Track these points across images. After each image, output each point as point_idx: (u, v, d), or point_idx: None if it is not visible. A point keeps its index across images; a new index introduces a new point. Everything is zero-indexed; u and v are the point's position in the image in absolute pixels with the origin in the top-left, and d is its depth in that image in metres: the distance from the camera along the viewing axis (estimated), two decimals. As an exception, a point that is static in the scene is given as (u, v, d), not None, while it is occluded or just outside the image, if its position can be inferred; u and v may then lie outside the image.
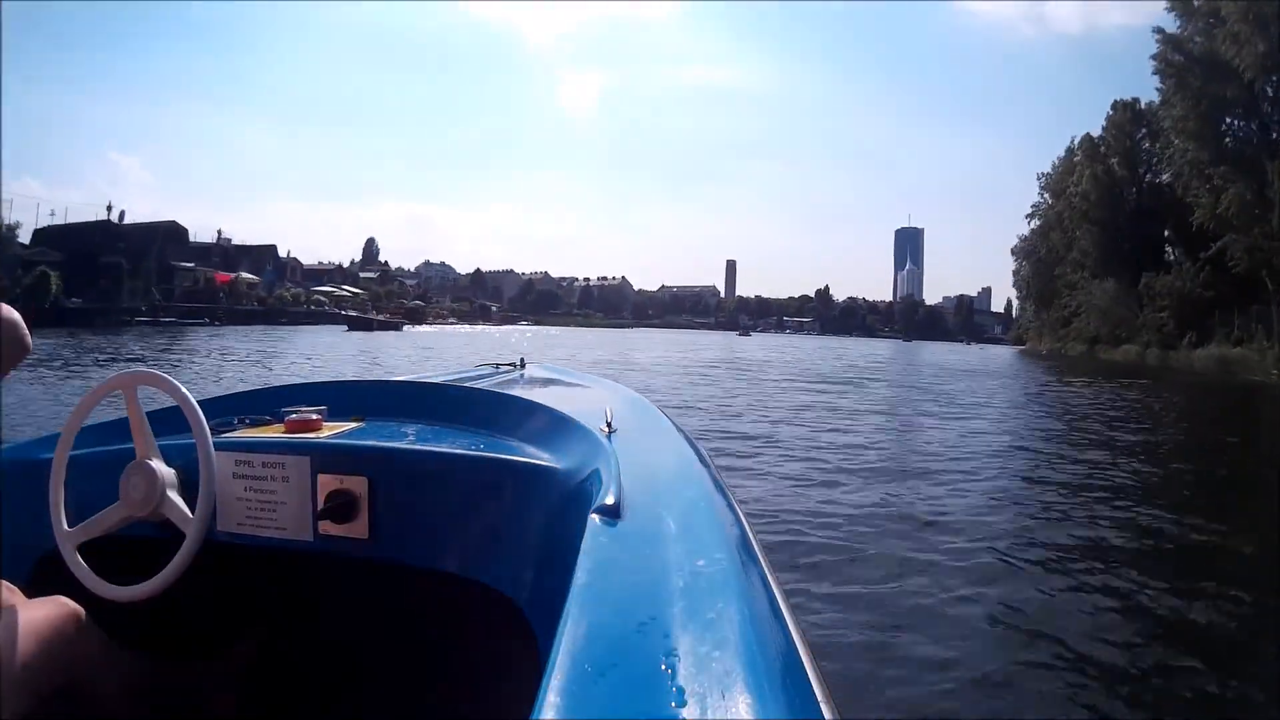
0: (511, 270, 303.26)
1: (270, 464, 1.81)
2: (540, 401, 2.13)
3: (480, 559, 1.66)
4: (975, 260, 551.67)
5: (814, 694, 0.77)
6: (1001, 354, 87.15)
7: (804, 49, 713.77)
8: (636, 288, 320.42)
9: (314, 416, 1.98)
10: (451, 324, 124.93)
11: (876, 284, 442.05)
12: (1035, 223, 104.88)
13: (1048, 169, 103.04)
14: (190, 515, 1.75)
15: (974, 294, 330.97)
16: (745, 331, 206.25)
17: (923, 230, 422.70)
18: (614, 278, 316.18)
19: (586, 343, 56.91)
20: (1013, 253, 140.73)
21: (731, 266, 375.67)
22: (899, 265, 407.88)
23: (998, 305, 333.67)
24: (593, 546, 1.05)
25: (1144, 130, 79.65)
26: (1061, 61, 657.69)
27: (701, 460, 1.84)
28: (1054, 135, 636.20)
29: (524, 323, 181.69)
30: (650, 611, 0.84)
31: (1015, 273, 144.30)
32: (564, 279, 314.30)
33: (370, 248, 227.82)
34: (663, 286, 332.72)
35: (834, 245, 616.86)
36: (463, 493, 1.71)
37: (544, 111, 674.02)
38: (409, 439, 1.93)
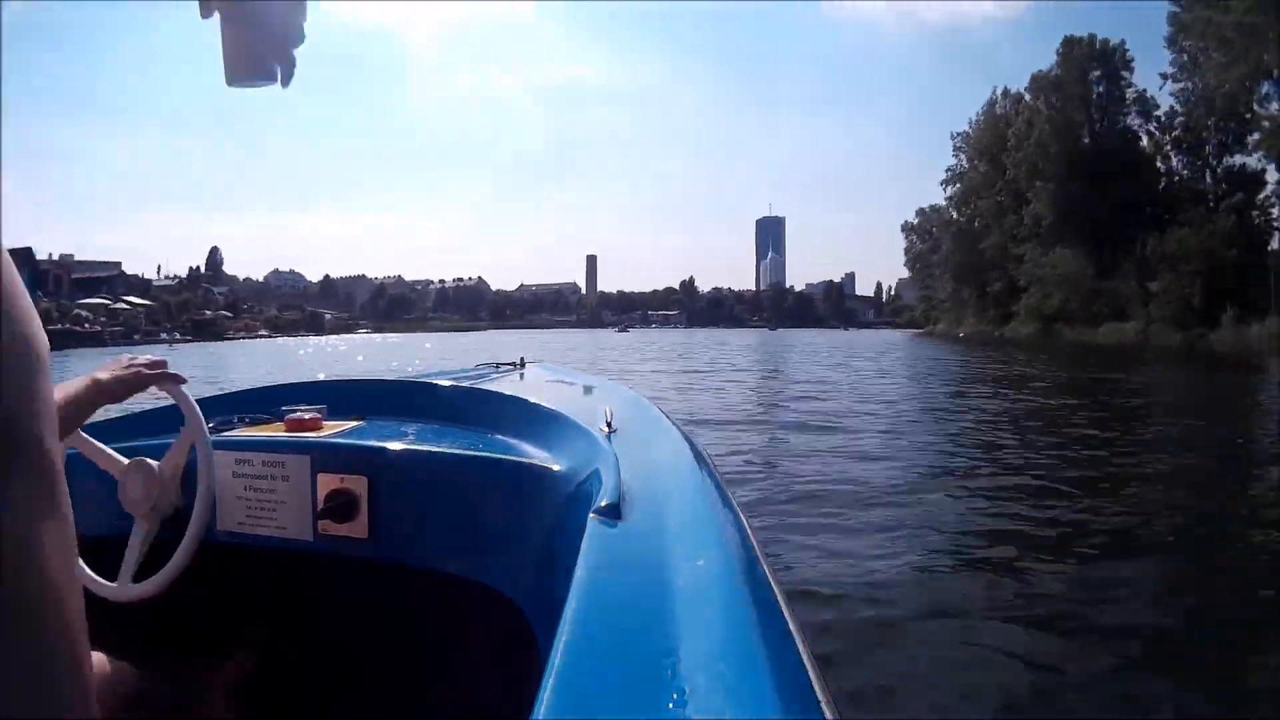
0: (364, 275, 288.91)
1: (270, 463, 1.81)
2: (540, 401, 2.05)
3: (480, 559, 1.64)
4: (837, 247, 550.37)
5: (814, 694, 0.76)
6: (897, 339, 77.23)
7: (665, 45, 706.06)
8: (495, 288, 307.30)
9: (314, 415, 1.95)
10: (262, 337, 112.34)
11: (740, 274, 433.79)
12: (949, 190, 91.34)
13: (960, 130, 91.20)
14: (190, 514, 1.74)
15: (838, 280, 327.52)
16: (623, 328, 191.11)
17: (784, 219, 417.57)
18: (470, 279, 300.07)
19: (415, 353, 47.41)
20: (904, 229, 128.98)
21: (592, 262, 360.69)
22: (761, 254, 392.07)
23: (862, 289, 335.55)
24: (592, 547, 1.04)
25: (1098, 72, 67.93)
26: (925, 53, 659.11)
27: (702, 460, 1.75)
28: (915, 125, 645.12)
29: (363, 330, 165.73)
30: (650, 611, 0.83)
31: (906, 250, 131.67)
32: (419, 282, 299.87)
33: (214, 257, 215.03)
34: (521, 286, 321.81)
35: (697, 237, 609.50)
36: (463, 492, 1.69)
37: (409, 116, 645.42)
38: (409, 438, 1.89)
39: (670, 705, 0.65)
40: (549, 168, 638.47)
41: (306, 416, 1.93)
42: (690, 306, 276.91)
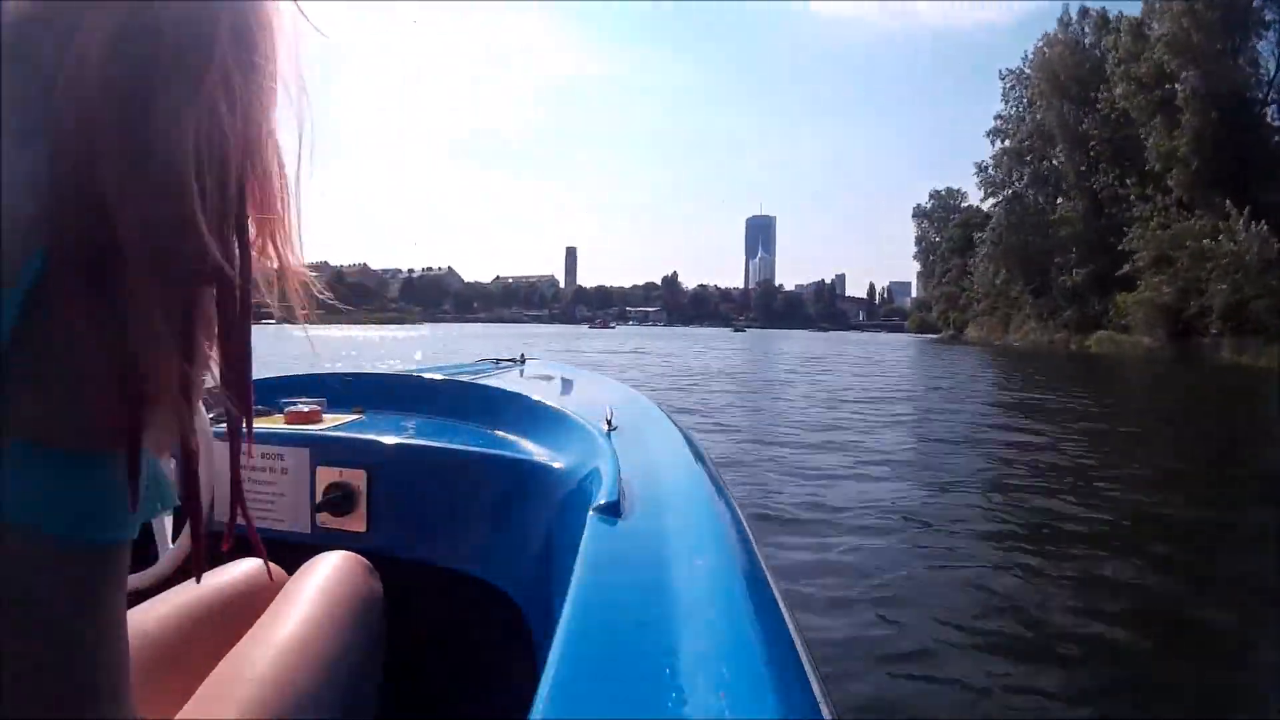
0: (325, 262, 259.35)
1: (269, 455, 1.79)
2: (540, 398, 2.07)
3: (478, 555, 1.64)
4: (827, 248, 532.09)
5: (813, 694, 0.75)
6: (902, 346, 59.91)
7: (659, 43, 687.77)
8: (469, 279, 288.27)
9: (313, 408, 1.94)
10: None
11: (727, 272, 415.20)
12: (998, 145, 66.36)
13: (1011, 67, 66.55)
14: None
15: (830, 280, 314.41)
16: (604, 322, 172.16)
17: (774, 218, 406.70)
18: (440, 268, 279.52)
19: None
20: (915, 214, 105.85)
21: (572, 254, 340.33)
22: (750, 254, 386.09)
23: (853, 291, 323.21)
24: (591, 545, 1.02)
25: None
26: (920, 56, 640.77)
27: (702, 459, 1.72)
28: (909, 127, 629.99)
29: (268, 322, 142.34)
30: (649, 610, 0.82)
31: (918, 240, 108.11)
32: (388, 270, 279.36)
33: None
34: (497, 277, 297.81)
35: (682, 235, 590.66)
36: (461, 488, 1.68)
37: (388, 102, 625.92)
38: (408, 433, 1.89)
39: (668, 704, 0.65)
40: (536, 158, 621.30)
41: (306, 409, 1.91)
42: (672, 303, 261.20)
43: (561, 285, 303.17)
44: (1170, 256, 40.32)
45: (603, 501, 1.14)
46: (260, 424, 1.85)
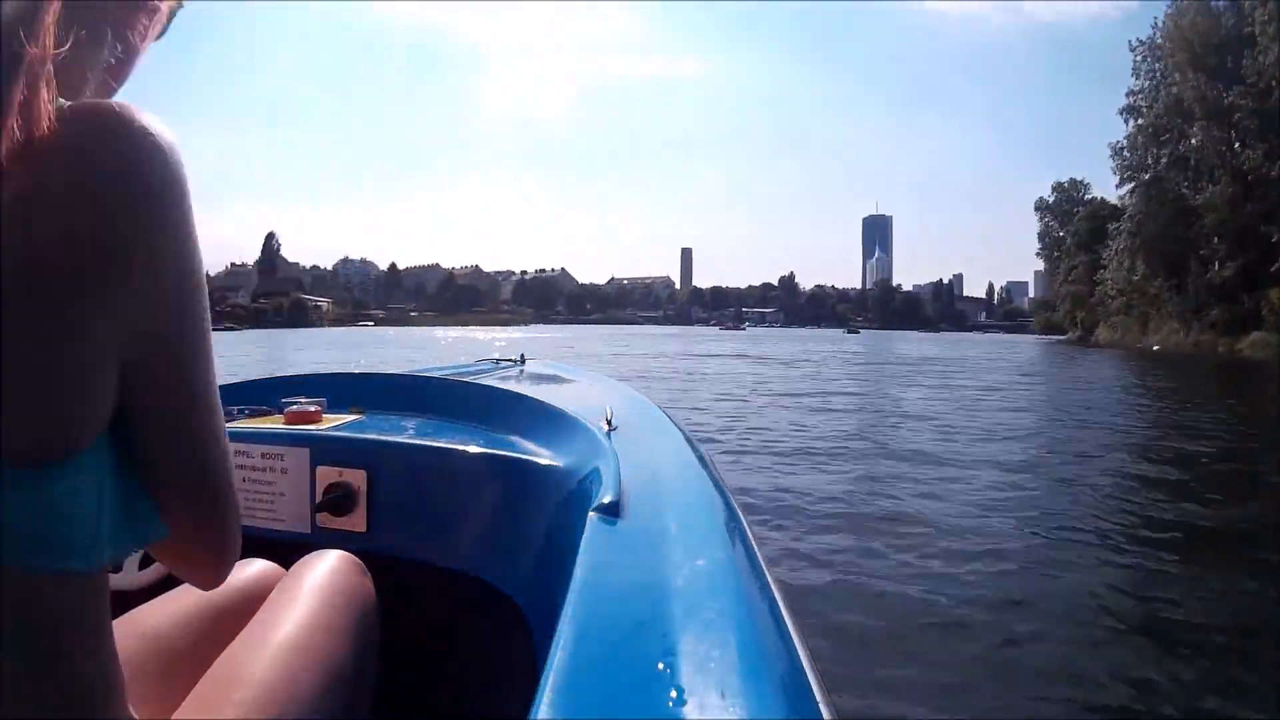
0: (437, 265, 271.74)
1: (269, 455, 1.79)
2: (540, 398, 2.05)
3: (478, 555, 1.63)
4: (945, 248, 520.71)
5: (813, 694, 0.74)
6: (1030, 350, 53.32)
7: (772, 44, 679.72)
8: (584, 280, 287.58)
9: (313, 408, 1.94)
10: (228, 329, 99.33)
11: (844, 273, 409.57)
12: (1131, 124, 60.32)
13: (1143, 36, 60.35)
14: None
15: (946, 280, 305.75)
16: (733, 325, 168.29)
17: (891, 218, 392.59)
18: (553, 269, 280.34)
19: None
20: (1037, 208, 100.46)
21: (687, 255, 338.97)
22: (868, 254, 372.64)
23: (971, 291, 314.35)
24: (592, 545, 1.02)
25: None
26: (1033, 53, 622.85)
27: (702, 460, 1.72)
28: (1023, 125, 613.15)
29: (366, 324, 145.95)
30: (649, 611, 0.82)
31: (1041, 236, 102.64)
32: (499, 272, 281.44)
33: (270, 243, 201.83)
34: (612, 279, 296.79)
35: (798, 234, 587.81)
36: (462, 488, 1.68)
37: (502, 109, 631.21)
38: (409, 433, 1.90)
39: (668, 705, 0.64)
40: (646, 160, 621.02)
41: (306, 409, 1.91)
42: (789, 304, 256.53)
43: (677, 286, 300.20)
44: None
45: (603, 501, 1.14)
46: (260, 423, 1.89)
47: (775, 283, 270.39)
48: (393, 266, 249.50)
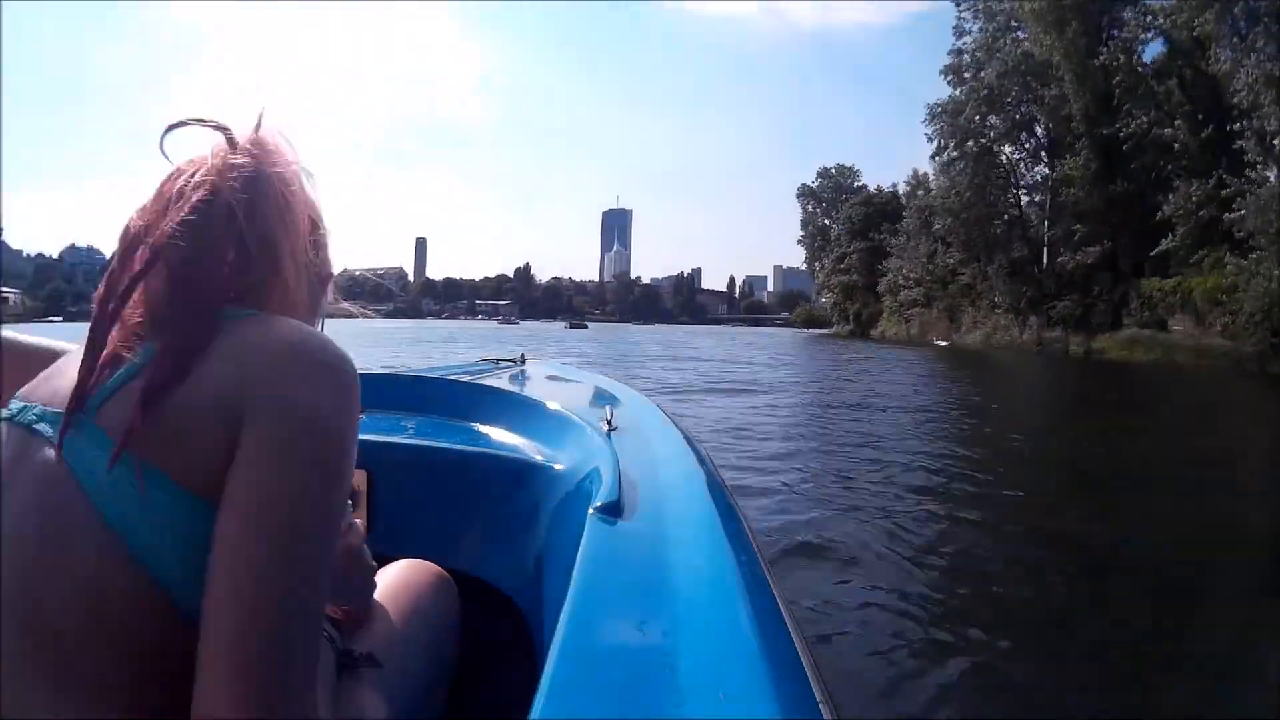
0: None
1: None
2: (541, 398, 2.08)
3: (478, 555, 1.64)
4: (686, 242, 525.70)
5: (813, 694, 0.75)
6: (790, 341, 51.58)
7: (526, 39, 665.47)
8: None
9: None
10: None
11: (584, 266, 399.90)
12: (959, 90, 49.55)
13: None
14: None
15: (688, 274, 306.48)
16: (506, 318, 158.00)
17: (631, 211, 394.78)
18: None
19: None
20: (800, 195, 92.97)
21: (421, 245, 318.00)
22: (606, 247, 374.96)
23: (710, 284, 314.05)
24: (592, 545, 1.02)
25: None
26: (791, 54, 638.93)
27: (701, 460, 1.74)
28: (772, 124, 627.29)
29: (55, 319, 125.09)
30: (649, 611, 0.83)
31: (804, 223, 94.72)
32: None
33: None
34: (344, 270, 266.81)
35: (540, 227, 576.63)
36: (462, 488, 1.69)
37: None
38: (409, 433, 1.92)
39: (668, 704, 0.65)
40: (394, 150, 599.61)
41: None
42: (525, 296, 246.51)
43: (411, 278, 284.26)
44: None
45: (603, 501, 1.14)
46: None
47: (511, 274, 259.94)
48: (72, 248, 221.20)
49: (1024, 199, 47.26)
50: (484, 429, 1.97)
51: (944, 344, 44.91)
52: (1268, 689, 3.20)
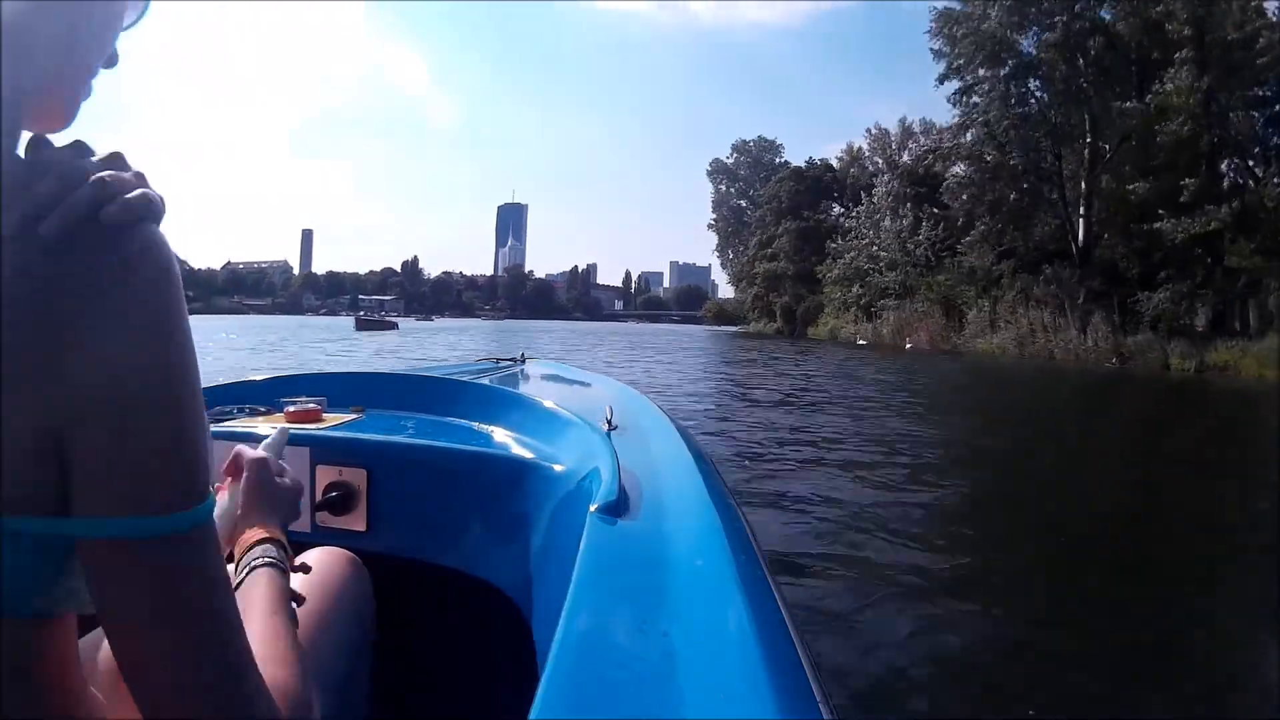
0: None
1: None
2: (541, 397, 2.04)
3: (478, 555, 1.62)
4: (579, 239, 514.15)
5: (812, 694, 0.74)
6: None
7: (430, 34, 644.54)
8: (196, 266, 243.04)
9: (313, 407, 1.93)
10: None
11: (479, 261, 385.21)
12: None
13: None
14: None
15: (583, 268, 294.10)
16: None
17: (526, 206, 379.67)
18: None
19: None
20: (711, 172, 79.76)
21: (308, 237, 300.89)
22: (501, 243, 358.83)
23: (604, 280, 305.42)
24: (591, 544, 1.02)
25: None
26: (688, 53, 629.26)
27: (701, 459, 1.73)
28: (668, 119, 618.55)
29: None
30: (648, 610, 0.82)
31: (716, 204, 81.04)
32: None
33: None
34: (228, 263, 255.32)
35: (436, 223, 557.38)
36: (462, 487, 1.66)
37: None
38: (409, 432, 1.91)
39: (668, 704, 0.64)
40: (300, 142, 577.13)
41: (306, 408, 1.90)
42: (412, 291, 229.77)
43: (296, 271, 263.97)
44: None
45: (602, 501, 1.13)
46: (260, 422, 1.87)
47: (398, 268, 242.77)
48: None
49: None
50: (483, 428, 1.92)
51: (944, 349, 32.11)
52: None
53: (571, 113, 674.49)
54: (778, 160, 74.77)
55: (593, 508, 1.11)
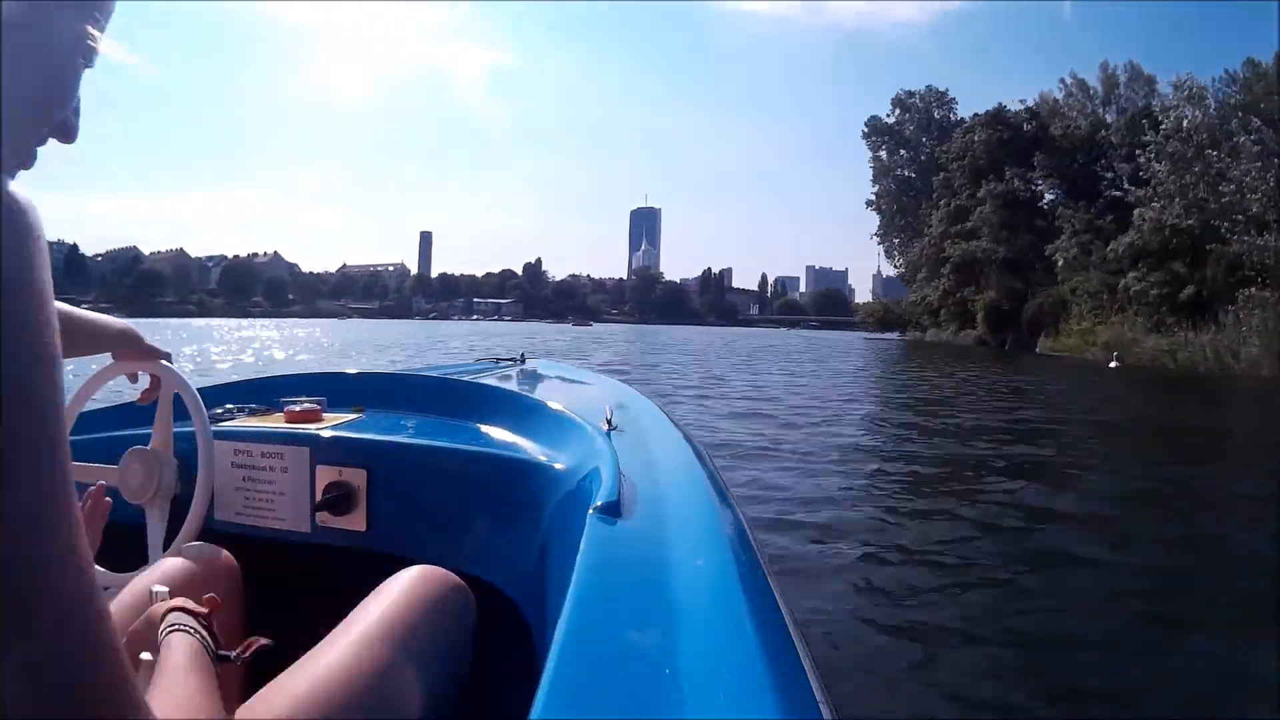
0: (134, 247, 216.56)
1: (269, 454, 1.77)
2: (540, 397, 2.02)
3: (478, 555, 1.60)
4: (714, 244, 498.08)
5: (812, 694, 0.74)
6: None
7: (574, 39, 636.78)
8: (309, 269, 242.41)
9: (314, 407, 1.92)
10: None
11: (608, 266, 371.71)
12: None
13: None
14: (189, 504, 1.68)
15: (717, 271, 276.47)
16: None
17: (660, 210, 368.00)
18: (265, 254, 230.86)
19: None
20: (869, 133, 59.39)
21: (426, 240, 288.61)
22: (634, 246, 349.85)
23: (739, 284, 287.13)
24: (591, 545, 1.02)
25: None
26: (828, 54, 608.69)
27: (701, 459, 1.74)
28: (806, 126, 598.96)
29: None
30: (648, 610, 0.82)
31: (878, 175, 61.40)
32: (210, 257, 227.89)
33: None
34: (343, 266, 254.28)
35: (565, 227, 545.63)
36: (461, 487, 1.66)
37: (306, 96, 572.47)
38: (409, 432, 1.87)
39: (668, 704, 0.64)
40: (404, 143, 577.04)
41: (306, 408, 1.88)
42: (533, 294, 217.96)
43: (414, 273, 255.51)
44: None
45: (602, 501, 1.13)
46: (260, 422, 1.86)
47: (519, 270, 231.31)
48: (74, 249, 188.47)
49: None
50: (483, 428, 1.89)
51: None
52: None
53: (707, 115, 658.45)
54: (952, 118, 56.70)
55: (593, 508, 1.11)
